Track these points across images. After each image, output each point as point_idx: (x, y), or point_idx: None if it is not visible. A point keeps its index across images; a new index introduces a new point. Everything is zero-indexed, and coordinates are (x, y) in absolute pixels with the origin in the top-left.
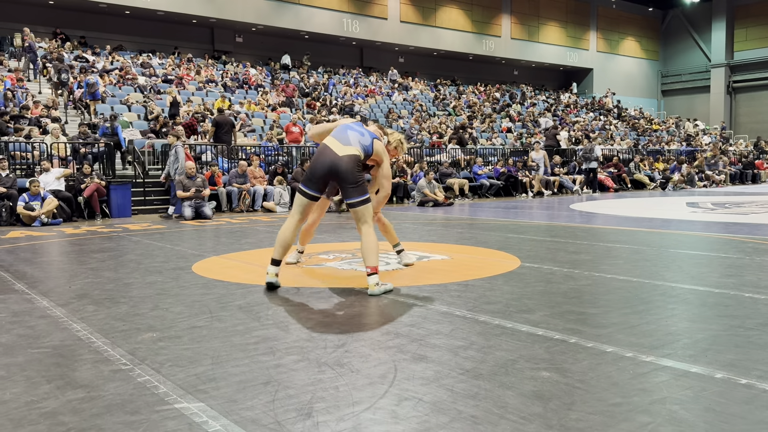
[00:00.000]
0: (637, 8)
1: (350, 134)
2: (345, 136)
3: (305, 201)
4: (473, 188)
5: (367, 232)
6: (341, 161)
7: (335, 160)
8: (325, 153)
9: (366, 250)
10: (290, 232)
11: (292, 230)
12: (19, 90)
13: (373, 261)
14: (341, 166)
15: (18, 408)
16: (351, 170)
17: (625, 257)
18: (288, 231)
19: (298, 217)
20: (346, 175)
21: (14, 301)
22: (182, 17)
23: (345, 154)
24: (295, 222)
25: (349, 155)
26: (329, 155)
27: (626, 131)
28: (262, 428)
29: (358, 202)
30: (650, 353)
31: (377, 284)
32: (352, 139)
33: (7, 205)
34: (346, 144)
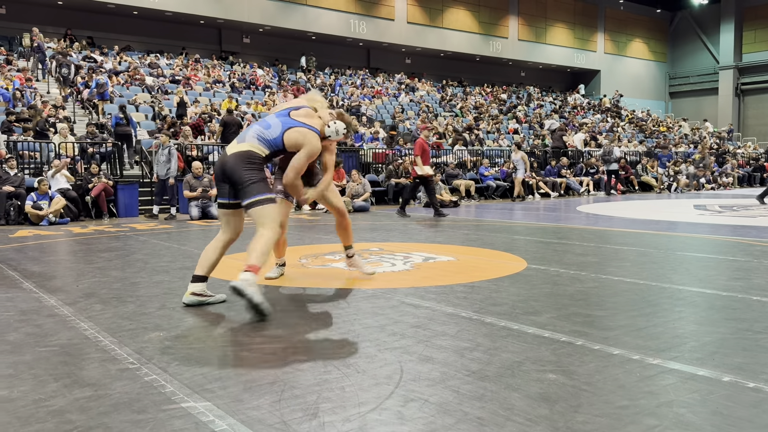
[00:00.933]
0: (645, 10)
1: (250, 130)
2: (243, 134)
3: (221, 211)
4: (479, 189)
5: (262, 233)
6: (227, 160)
7: (223, 159)
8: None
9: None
10: (213, 249)
11: (215, 246)
12: (28, 90)
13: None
14: (227, 165)
15: (26, 406)
16: (236, 168)
17: (633, 259)
18: (211, 248)
19: (224, 235)
20: (232, 175)
21: (22, 300)
22: (190, 18)
23: (233, 152)
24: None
25: (236, 153)
26: (222, 156)
27: (633, 133)
28: (268, 428)
29: (251, 203)
30: (657, 356)
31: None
32: (249, 134)
33: (16, 204)
34: (240, 141)
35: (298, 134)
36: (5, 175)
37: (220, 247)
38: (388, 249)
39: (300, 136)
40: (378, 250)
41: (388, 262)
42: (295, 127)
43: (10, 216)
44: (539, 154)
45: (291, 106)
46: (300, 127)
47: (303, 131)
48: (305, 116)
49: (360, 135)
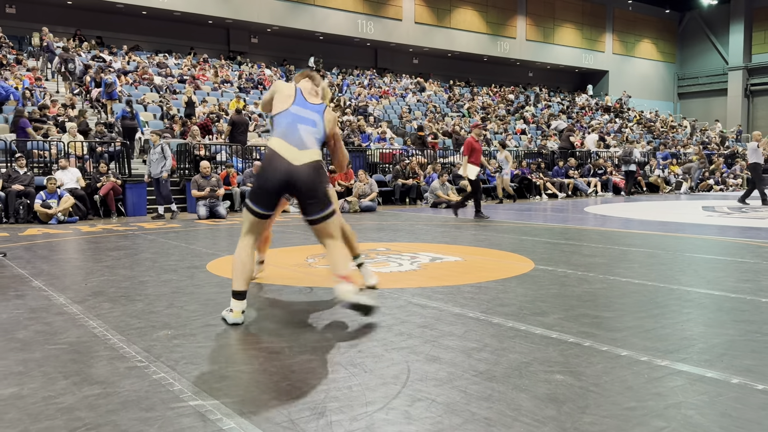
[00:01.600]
0: (653, 10)
1: (301, 129)
2: (297, 135)
3: (255, 220)
4: (486, 190)
5: (333, 244)
6: (300, 173)
7: (292, 172)
8: (276, 163)
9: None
10: (248, 258)
11: (249, 254)
12: (38, 89)
13: (347, 269)
14: (300, 178)
15: (35, 403)
16: (313, 181)
17: (640, 261)
18: (246, 256)
19: (250, 239)
20: (307, 190)
21: (32, 298)
22: (198, 18)
23: (303, 162)
24: (249, 244)
25: (308, 163)
26: (284, 167)
27: (641, 134)
28: (275, 426)
29: (322, 218)
30: (665, 357)
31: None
32: (306, 135)
33: (25, 203)
34: (301, 147)
35: (330, 117)
36: (15, 174)
37: (250, 252)
38: (395, 249)
39: (332, 118)
40: (385, 250)
41: (395, 262)
42: (324, 109)
43: (19, 214)
44: (546, 154)
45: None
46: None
47: (331, 113)
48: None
49: (367, 135)
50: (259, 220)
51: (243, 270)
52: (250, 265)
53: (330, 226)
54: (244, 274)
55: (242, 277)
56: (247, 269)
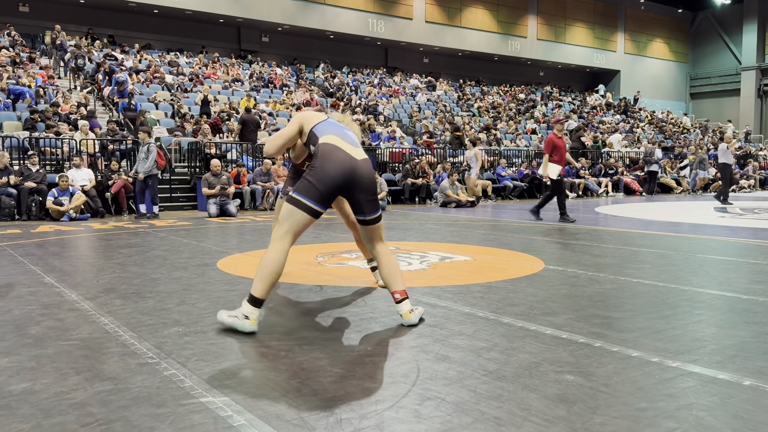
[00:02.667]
0: (666, 10)
1: (349, 133)
2: (348, 136)
3: (306, 219)
4: (496, 189)
5: (386, 251)
6: (362, 167)
7: (355, 165)
8: (339, 154)
9: (391, 273)
10: (282, 263)
11: (283, 260)
12: (50, 87)
13: (401, 284)
14: (365, 173)
15: (48, 398)
16: (374, 178)
17: (651, 261)
18: (280, 261)
19: (288, 242)
20: (370, 185)
21: (44, 294)
22: (210, 17)
23: (363, 157)
24: (285, 249)
25: (366, 159)
26: (346, 159)
27: (653, 133)
28: (286, 424)
29: (377, 217)
30: (676, 359)
31: (412, 310)
32: (354, 138)
33: (37, 200)
34: (355, 146)
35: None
36: (27, 172)
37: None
38: (405, 248)
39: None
40: (395, 249)
41: (405, 261)
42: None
43: (31, 211)
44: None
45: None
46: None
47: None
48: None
49: (377, 134)
50: (310, 219)
51: (272, 277)
52: (280, 272)
53: (381, 227)
54: (272, 282)
55: (269, 285)
56: (276, 276)
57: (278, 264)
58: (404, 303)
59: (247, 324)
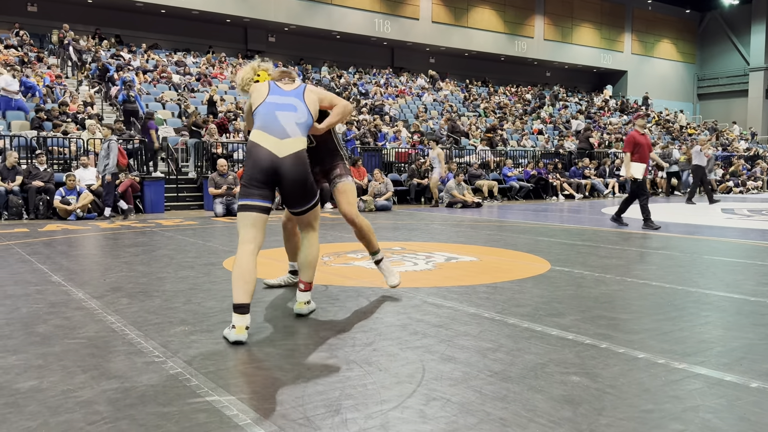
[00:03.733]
0: (673, 10)
1: (281, 116)
2: (277, 124)
3: (251, 216)
4: (502, 190)
5: (313, 240)
6: (284, 165)
7: (275, 162)
8: (259, 153)
9: (308, 263)
10: (249, 265)
11: (250, 262)
12: (58, 87)
13: (310, 276)
14: (285, 172)
15: (55, 396)
16: (299, 175)
17: (658, 263)
18: (246, 264)
19: (250, 244)
20: (294, 184)
21: (51, 293)
22: (216, 17)
23: (287, 154)
24: (249, 250)
25: (292, 154)
26: (265, 156)
27: (660, 134)
28: (291, 423)
29: (307, 209)
30: (683, 360)
31: (308, 302)
32: (286, 123)
33: (45, 199)
34: (282, 137)
35: (312, 95)
36: (35, 171)
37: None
38: (411, 248)
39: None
40: (400, 250)
41: (411, 262)
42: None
43: (39, 210)
44: (564, 154)
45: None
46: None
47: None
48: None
49: (383, 134)
50: (256, 216)
51: (244, 280)
52: (252, 275)
53: (311, 216)
54: (247, 285)
55: (243, 288)
56: (249, 279)
57: (244, 266)
58: (305, 294)
59: (233, 333)
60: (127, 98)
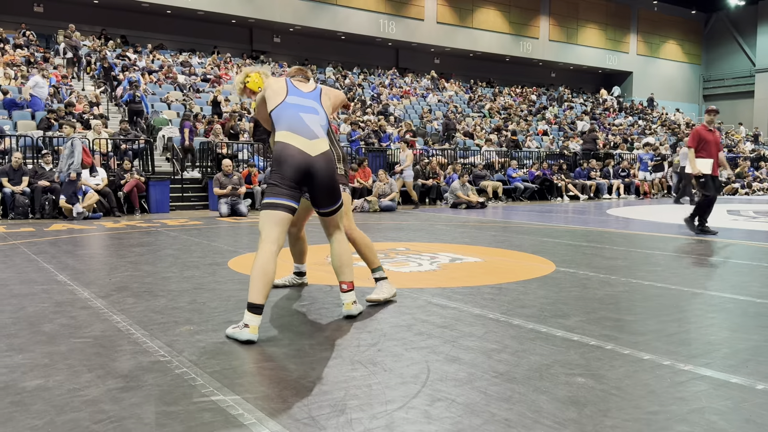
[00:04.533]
0: (679, 11)
1: (306, 118)
2: (305, 126)
3: (278, 215)
4: (507, 191)
5: (341, 239)
6: (318, 164)
7: (309, 162)
8: (291, 152)
9: (342, 263)
10: (271, 265)
11: (272, 261)
12: (64, 87)
13: (350, 275)
14: (319, 170)
15: (61, 395)
16: (331, 174)
17: (664, 264)
18: (268, 264)
19: (272, 244)
20: (326, 182)
21: (57, 292)
22: (222, 17)
23: (319, 153)
24: (272, 250)
25: (323, 153)
26: (299, 156)
27: (666, 135)
28: (296, 422)
29: (336, 209)
30: (689, 362)
31: (355, 302)
32: (312, 124)
33: (50, 199)
34: (311, 137)
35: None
36: (41, 170)
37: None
38: (415, 249)
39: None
40: (405, 250)
41: (415, 262)
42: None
43: (45, 210)
44: (569, 155)
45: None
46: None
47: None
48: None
49: (387, 135)
50: (282, 215)
51: (264, 280)
52: (272, 275)
53: (338, 217)
54: (266, 286)
55: (263, 289)
56: (268, 279)
57: (265, 266)
58: (350, 293)
59: (246, 332)
60: (132, 98)
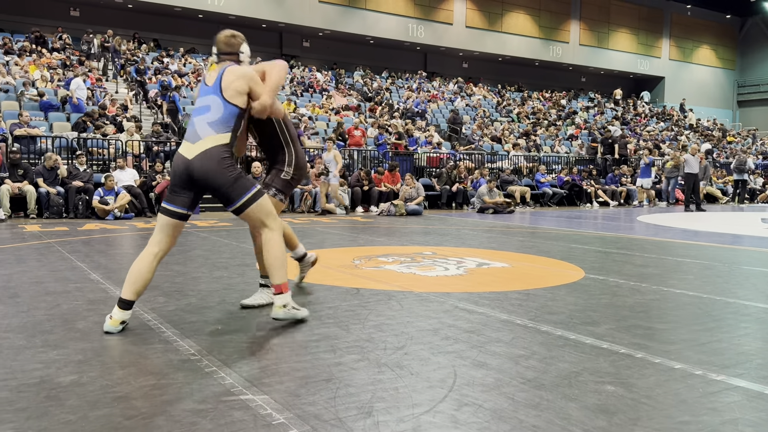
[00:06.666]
0: (713, 15)
1: (196, 122)
2: (192, 130)
3: (166, 221)
4: (535, 196)
5: (270, 239)
6: (193, 165)
7: (187, 164)
8: (177, 160)
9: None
10: (147, 267)
11: (149, 263)
12: (98, 89)
13: (280, 277)
14: (195, 170)
15: (94, 391)
16: (210, 169)
17: (696, 272)
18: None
19: (156, 247)
20: (206, 180)
21: (90, 290)
22: (252, 21)
23: (195, 154)
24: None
25: (201, 152)
26: (180, 161)
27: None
28: (324, 423)
29: (243, 204)
30: (721, 372)
31: (284, 306)
32: (200, 126)
33: (84, 199)
34: (194, 140)
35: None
36: (75, 171)
37: (155, 263)
38: (441, 253)
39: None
40: (431, 254)
41: (442, 267)
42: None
43: (78, 210)
44: (599, 161)
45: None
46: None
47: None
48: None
49: (415, 139)
50: (170, 221)
51: (136, 278)
52: (147, 275)
53: (256, 211)
54: (136, 284)
55: (133, 287)
56: (141, 278)
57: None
58: (280, 297)
59: (108, 323)
60: (167, 101)
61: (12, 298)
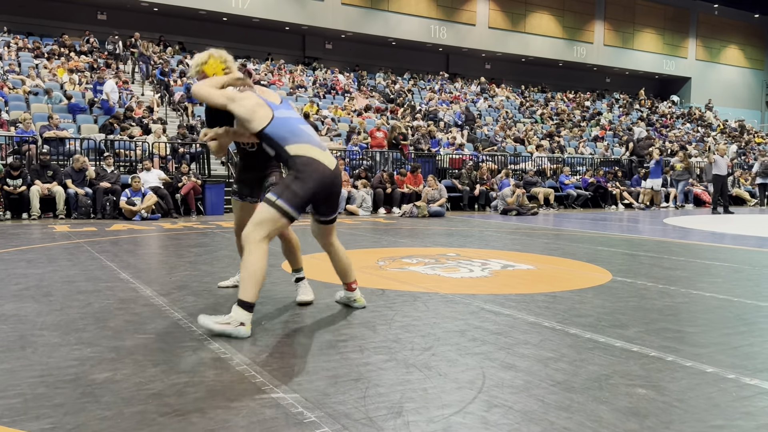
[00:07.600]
0: (741, 15)
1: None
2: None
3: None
4: (559, 198)
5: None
6: (337, 177)
7: (334, 177)
8: (322, 169)
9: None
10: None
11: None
12: (125, 92)
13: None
14: (338, 182)
15: (128, 388)
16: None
17: (725, 276)
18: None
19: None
20: (339, 192)
21: (120, 290)
22: (276, 24)
23: (335, 165)
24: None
25: (338, 165)
26: (328, 172)
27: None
28: (354, 422)
29: (334, 219)
30: (754, 376)
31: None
32: (315, 135)
33: (111, 200)
34: (324, 149)
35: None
36: (102, 172)
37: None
38: (465, 255)
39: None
40: (455, 256)
41: (466, 268)
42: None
43: (106, 210)
44: (624, 162)
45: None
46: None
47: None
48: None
49: (437, 140)
50: (287, 223)
51: (260, 280)
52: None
53: (334, 227)
54: (260, 285)
55: (257, 288)
56: (262, 278)
57: (263, 265)
58: (357, 290)
59: (243, 330)
60: (194, 101)
61: (45, 297)
